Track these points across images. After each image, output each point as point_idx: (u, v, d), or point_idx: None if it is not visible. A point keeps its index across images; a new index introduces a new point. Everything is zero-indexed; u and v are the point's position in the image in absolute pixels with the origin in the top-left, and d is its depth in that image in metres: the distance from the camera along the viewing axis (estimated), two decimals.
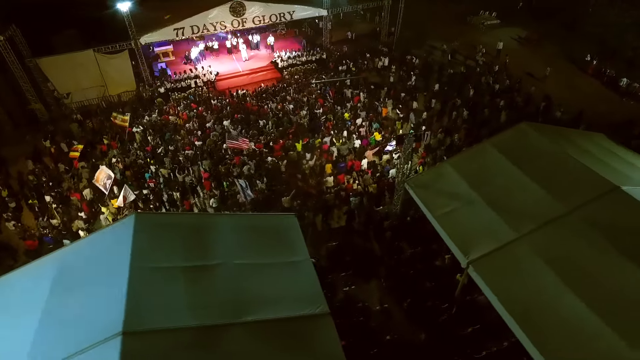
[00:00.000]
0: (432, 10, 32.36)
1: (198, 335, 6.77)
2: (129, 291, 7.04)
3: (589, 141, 11.14)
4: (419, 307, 9.55)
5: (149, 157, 15.29)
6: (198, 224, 9.14)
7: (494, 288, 7.75)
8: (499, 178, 9.79)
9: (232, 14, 19.97)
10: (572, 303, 7.05)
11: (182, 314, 7.01)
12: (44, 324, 7.12)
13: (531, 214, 8.68)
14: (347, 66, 22.17)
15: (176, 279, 7.68)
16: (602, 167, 9.33)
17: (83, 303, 7.17)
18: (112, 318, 6.55)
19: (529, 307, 7.31)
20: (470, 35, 27.94)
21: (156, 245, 8.20)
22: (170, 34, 19.58)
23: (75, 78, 18.63)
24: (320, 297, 8.10)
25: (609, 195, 8.31)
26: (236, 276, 8.15)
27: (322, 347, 7.22)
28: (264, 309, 7.48)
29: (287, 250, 9.12)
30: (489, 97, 18.68)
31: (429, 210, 9.80)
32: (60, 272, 8.04)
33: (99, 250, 8.16)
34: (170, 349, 6.47)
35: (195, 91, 20.75)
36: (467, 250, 8.55)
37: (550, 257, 7.80)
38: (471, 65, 22.66)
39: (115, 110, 16.95)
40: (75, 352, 6.32)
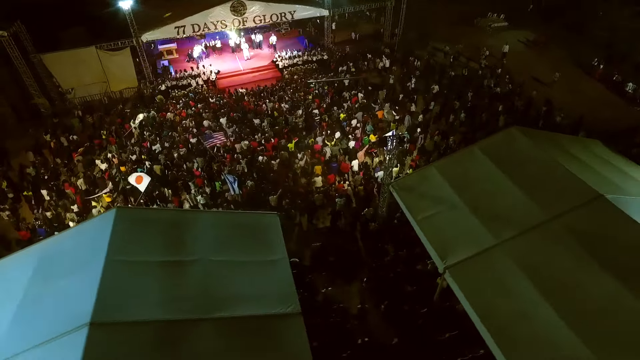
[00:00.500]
0: (438, 12, 32.06)
1: (166, 329, 6.83)
2: (101, 283, 7.16)
3: (582, 148, 10.90)
4: (396, 311, 9.48)
5: (145, 153, 15.52)
6: (178, 220, 9.22)
7: (468, 294, 7.64)
8: (483, 183, 9.64)
9: (232, 13, 20.11)
10: (545, 313, 6.89)
11: (153, 307, 7.09)
12: (20, 311, 7.30)
13: (512, 220, 8.53)
14: (348, 67, 22.13)
15: (150, 273, 7.78)
16: (590, 175, 9.11)
17: (57, 293, 7.32)
18: (82, 309, 6.67)
19: (501, 315, 7.18)
20: (476, 37, 27.60)
21: (134, 240, 8.31)
22: (171, 32, 19.83)
23: (78, 74, 19.01)
24: (293, 297, 8.11)
25: (592, 203, 8.10)
26: (211, 273, 8.21)
27: (289, 346, 7.23)
28: (235, 306, 7.52)
29: (265, 248, 9.15)
30: (489, 100, 18.43)
31: (411, 214, 9.72)
32: (40, 262, 8.23)
33: (78, 243, 8.32)
34: (136, 342, 6.55)
35: (195, 89, 20.97)
36: (445, 255, 8.45)
37: (528, 265, 7.65)
38: (474, 67, 22.39)
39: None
40: (43, 342, 6.47)
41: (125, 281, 7.44)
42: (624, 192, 8.78)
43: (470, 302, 7.50)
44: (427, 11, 31.07)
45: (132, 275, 7.60)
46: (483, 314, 7.23)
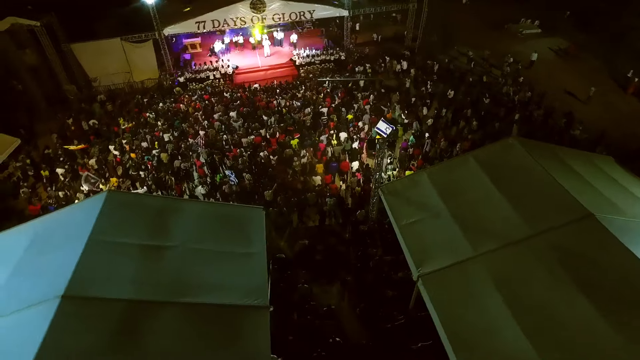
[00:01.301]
0: (469, 16, 31.27)
1: (133, 308, 7.11)
2: (80, 260, 7.57)
3: (587, 163, 10.31)
4: (372, 314, 9.39)
5: (155, 141, 16.17)
6: (165, 207, 9.54)
7: (436, 304, 7.45)
8: (472, 192, 9.34)
9: (252, 10, 20.52)
10: (511, 331, 6.61)
11: (125, 287, 7.41)
12: (6, 280, 7.86)
13: (494, 233, 8.22)
14: (364, 68, 21.99)
15: (128, 255, 8.12)
16: (586, 192, 8.62)
17: (41, 266, 7.80)
18: (58, 282, 7.09)
19: (465, 329, 6.96)
20: (505, 43, 26.65)
21: (119, 222, 8.71)
22: (192, 26, 20.51)
23: (104, 63, 20.09)
24: (263, 290, 8.22)
25: (580, 222, 7.65)
26: (187, 259, 8.46)
27: (250, 337, 7.32)
28: (203, 293, 7.72)
29: (245, 241, 9.30)
30: (506, 109, 17.75)
31: (395, 219, 9.57)
32: (35, 236, 8.79)
33: (69, 221, 8.81)
34: (103, 317, 6.86)
35: (212, 83, 21.57)
36: (420, 263, 8.27)
37: (502, 280, 7.35)
38: (496, 74, 21.64)
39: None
40: (17, 309, 6.95)
41: (103, 260, 7.82)
42: (622, 213, 8.24)
43: (437, 312, 7.32)
44: (456, 15, 30.36)
45: (110, 254, 7.97)
46: (447, 326, 7.03)
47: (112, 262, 7.88)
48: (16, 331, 6.57)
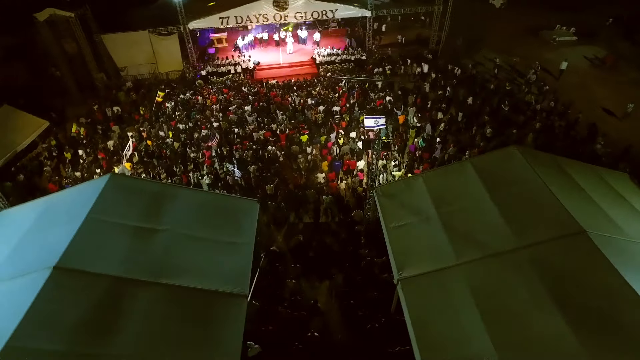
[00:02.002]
0: (502, 21, 30.19)
1: (118, 284, 7.52)
2: (76, 236, 8.09)
3: (594, 178, 9.78)
4: (354, 314, 9.40)
5: (171, 131, 16.85)
6: (163, 193, 9.97)
7: (411, 309, 7.39)
8: (464, 200, 9.13)
9: (275, 8, 20.86)
10: (481, 343, 6.44)
11: (113, 264, 7.84)
12: (13, 250, 8.54)
13: (480, 243, 8.01)
14: (384, 69, 21.82)
15: (121, 235, 8.58)
16: (584, 208, 8.21)
17: (41, 239, 8.40)
18: (53, 254, 7.63)
19: (436, 336, 6.86)
20: (536, 50, 25.53)
21: (117, 203, 9.21)
22: (215, 21, 21.13)
23: (132, 54, 21.12)
24: (244, 280, 8.45)
25: (570, 238, 7.32)
26: (174, 243, 8.82)
27: (224, 323, 7.54)
28: (185, 277, 8.03)
29: (234, 231, 9.56)
30: (526, 117, 17.10)
31: (384, 221, 9.52)
32: (43, 211, 9.48)
33: (73, 199, 9.40)
34: (88, 290, 7.31)
35: (233, 77, 22.13)
36: (402, 267, 8.21)
37: (480, 291, 7.16)
38: (521, 82, 20.84)
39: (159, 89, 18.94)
40: (15, 276, 7.54)
41: (97, 237, 8.32)
42: (620, 232, 7.79)
43: (410, 316, 7.27)
44: (488, 20, 29.39)
45: (104, 233, 8.46)
46: (418, 330, 6.96)
47: (105, 240, 8.36)
48: (9, 296, 7.13)
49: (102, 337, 6.73)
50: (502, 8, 33.72)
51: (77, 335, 6.66)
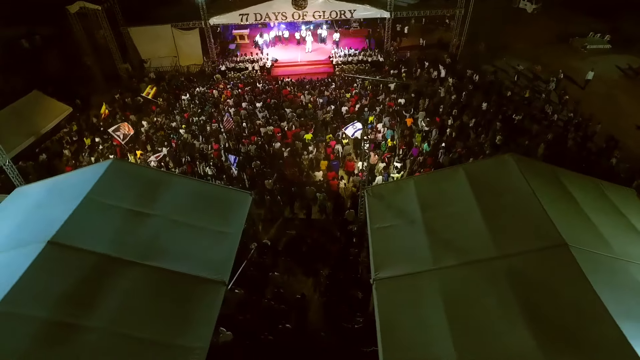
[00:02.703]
0: (533, 27, 29.17)
1: (105, 262, 8.00)
2: (73, 214, 8.66)
3: (592, 192, 9.39)
4: (335, 311, 9.50)
5: (183, 123, 17.49)
6: (160, 180, 10.43)
7: (381, 310, 7.44)
8: (451, 205, 9.01)
9: (293, 6, 21.14)
10: (444, 347, 6.41)
11: (103, 243, 8.33)
12: (18, 223, 9.22)
13: (460, 250, 7.91)
14: (399, 71, 21.65)
15: (115, 216, 9.09)
16: (572, 221, 7.94)
17: (43, 215, 9.02)
18: (50, 230, 8.20)
19: (401, 338, 6.88)
20: (564, 58, 24.51)
21: (115, 187, 9.73)
22: (235, 18, 21.67)
23: (155, 47, 22.03)
24: (226, 268, 8.74)
25: (550, 250, 7.12)
26: (165, 228, 9.23)
27: (200, 307, 7.85)
28: (169, 260, 8.41)
29: (224, 221, 9.88)
30: (539, 127, 16.53)
31: (370, 221, 9.56)
32: (48, 190, 10.16)
33: (75, 180, 10.00)
34: (77, 264, 7.82)
35: (250, 73, 22.62)
36: (380, 268, 8.25)
37: (451, 297, 7.10)
38: (541, 90, 20.11)
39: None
40: (15, 247, 8.16)
41: (92, 217, 8.85)
42: (607, 249, 7.46)
43: (379, 317, 7.32)
44: (518, 25, 28.48)
45: (99, 213, 8.99)
46: (385, 333, 7.00)
47: (99, 219, 8.87)
48: (5, 265, 7.72)
49: (83, 309, 7.18)
50: (534, 13, 32.60)
51: (60, 306, 7.14)
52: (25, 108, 16.41)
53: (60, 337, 6.76)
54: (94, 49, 21.21)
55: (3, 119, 15.64)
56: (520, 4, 32.34)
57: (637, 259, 7.30)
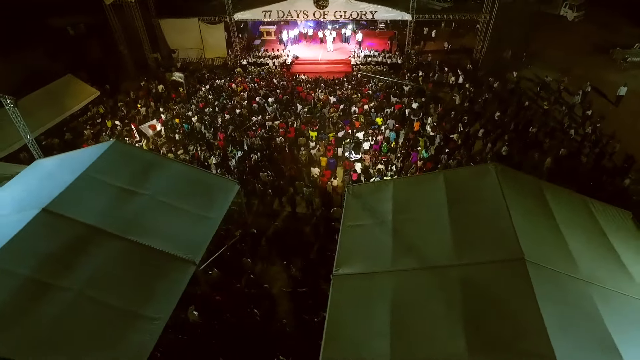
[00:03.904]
0: (571, 35, 27.68)
1: (89, 231, 8.80)
2: (69, 187, 9.53)
3: (577, 210, 8.98)
4: (302, 304, 9.77)
5: (198, 112, 18.38)
6: (154, 162, 11.16)
7: (332, 305, 7.64)
8: (423, 210, 8.99)
9: (315, 5, 21.43)
10: (380, 349, 6.52)
11: (92, 215, 9.13)
12: (24, 191, 10.25)
13: (420, 255, 7.93)
14: (417, 75, 21.37)
15: (106, 192, 9.89)
16: (540, 237, 7.71)
17: (45, 185, 9.97)
18: (46, 198, 9.10)
19: (344, 334, 7.06)
20: (599, 70, 23.09)
21: (112, 165, 10.55)
22: (259, 14, 22.30)
23: (182, 39, 23.18)
24: (199, 250, 9.26)
25: (507, 263, 6.97)
26: (150, 208, 9.93)
27: (167, 282, 8.42)
28: (148, 237, 9.06)
29: (207, 206, 10.43)
30: (552, 140, 15.80)
31: (344, 219, 9.71)
32: (56, 164, 11.17)
33: (77, 158, 10.93)
34: (64, 232, 8.66)
35: (269, 69, 23.22)
36: (341, 264, 8.42)
37: (399, 300, 7.18)
38: (564, 102, 19.13)
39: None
40: (16, 211, 9.10)
41: (86, 190, 9.69)
42: (569, 266, 7.17)
43: (328, 314, 7.52)
44: (555, 33, 27.10)
45: (93, 188, 9.83)
46: (330, 328, 7.19)
47: (91, 194, 9.69)
48: (3, 225, 8.66)
49: (61, 272, 7.95)
50: (575, 21, 30.84)
51: (43, 266, 7.96)
52: (58, 90, 17.93)
53: (38, 294, 7.55)
54: (126, 39, 22.65)
55: (38, 98, 17.20)
56: (561, 11, 30.72)
57: (599, 280, 6.97)
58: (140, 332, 7.42)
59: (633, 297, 6.94)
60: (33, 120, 16.28)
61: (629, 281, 7.34)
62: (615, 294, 6.91)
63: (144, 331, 7.45)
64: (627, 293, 6.99)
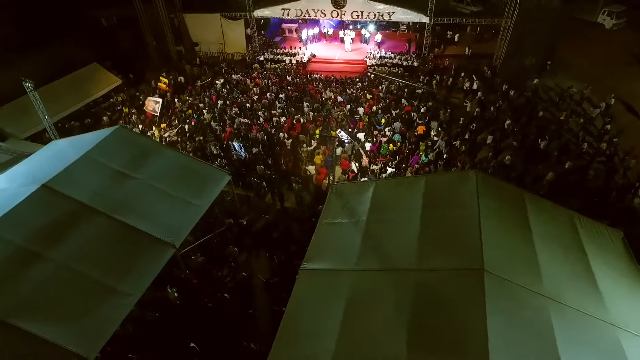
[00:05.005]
0: (607, 44, 26.20)
1: (80, 208, 9.47)
2: (69, 166, 10.27)
3: (563, 225, 8.62)
4: (271, 295, 10.05)
5: (209, 104, 19.04)
6: (152, 149, 11.78)
7: (293, 300, 7.86)
8: (398, 212, 8.97)
9: (332, 5, 21.58)
10: (327, 345, 6.65)
11: (85, 193, 9.81)
12: (36, 166, 11.09)
13: (385, 256, 7.96)
14: (430, 79, 21.04)
15: (103, 174, 10.58)
16: (506, 249, 7.53)
17: (50, 164, 10.78)
18: (48, 175, 9.87)
19: (296, 331, 7.26)
20: (634, 83, 21.73)
21: (112, 149, 11.25)
22: (278, 12, 22.73)
23: (205, 33, 24.05)
24: (180, 234, 9.75)
25: (465, 272, 6.88)
26: (141, 191, 10.53)
27: (145, 262, 8.95)
28: (134, 218, 9.65)
29: (196, 193, 10.92)
30: (560, 153, 15.17)
31: (322, 216, 9.88)
32: (65, 145, 12.02)
33: (84, 140, 11.72)
34: (58, 207, 9.37)
35: (285, 66, 23.62)
36: (309, 259, 8.61)
37: (355, 299, 7.28)
38: (585, 114, 18.24)
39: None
40: (22, 185, 9.91)
41: (84, 171, 10.40)
42: (532, 280, 6.96)
43: (289, 306, 7.76)
44: (590, 41, 25.76)
45: (90, 168, 10.52)
46: (286, 322, 7.42)
47: (88, 174, 10.39)
48: (7, 197, 9.48)
49: (50, 244, 8.63)
50: (613, 29, 29.16)
51: (34, 237, 8.67)
52: (83, 77, 19.18)
53: (26, 262, 8.25)
54: (153, 32, 23.76)
55: (65, 84, 18.51)
56: (599, 18, 29.10)
57: (562, 297, 6.75)
58: (112, 306, 7.96)
59: (594, 317, 6.68)
60: (58, 104, 17.60)
61: (596, 301, 7.06)
62: (576, 312, 6.68)
63: (116, 305, 7.99)
64: (589, 312, 6.73)
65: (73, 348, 7.09)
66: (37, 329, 7.09)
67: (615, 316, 6.94)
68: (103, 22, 26.73)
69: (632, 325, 6.87)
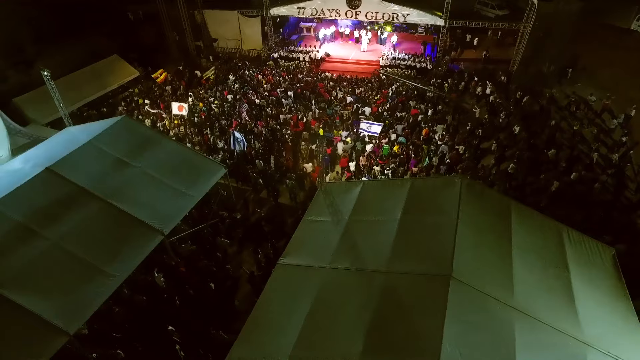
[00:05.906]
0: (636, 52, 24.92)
1: (78, 192, 10.01)
2: (73, 152, 10.85)
3: (548, 238, 8.37)
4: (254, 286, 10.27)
5: (220, 99, 19.52)
6: (152, 140, 12.24)
7: (265, 293, 8.05)
8: (379, 214, 8.96)
9: (347, 5, 21.58)
10: (288, 340, 6.79)
11: (85, 178, 10.36)
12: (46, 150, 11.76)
13: (358, 256, 8.01)
14: (442, 82, 20.69)
15: (104, 160, 11.13)
16: (484, 257, 7.43)
17: (60, 148, 11.40)
18: (53, 159, 10.48)
19: (261, 324, 7.45)
20: None
21: (114, 138, 11.79)
22: (293, 11, 22.94)
23: (223, 29, 24.62)
24: (171, 222, 10.15)
25: (433, 277, 6.83)
26: (138, 178, 11.00)
27: (133, 246, 9.38)
28: (128, 203, 10.12)
29: (191, 184, 11.30)
30: (569, 163, 14.61)
31: (307, 213, 10.02)
32: (76, 132, 12.66)
33: (92, 128, 12.33)
34: (59, 189, 9.95)
35: (298, 64, 23.83)
36: (287, 255, 8.78)
37: (323, 297, 7.40)
38: (602, 124, 17.47)
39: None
40: (30, 166, 10.54)
41: (85, 157, 10.96)
42: (502, 291, 6.81)
43: (260, 299, 7.96)
44: (621, 49, 24.59)
45: (92, 156, 11.07)
46: (254, 315, 7.63)
47: (89, 160, 10.94)
48: (14, 176, 10.14)
49: (46, 223, 9.18)
50: None
51: (33, 216, 9.25)
52: (103, 68, 20.10)
53: (23, 238, 8.82)
54: (175, 27, 24.56)
55: (85, 75, 19.47)
56: (633, 25, 27.65)
57: (530, 310, 6.58)
58: (97, 285, 8.41)
59: (565, 333, 6.49)
60: (78, 93, 18.52)
61: (569, 319, 6.83)
62: (545, 327, 6.51)
63: (100, 285, 8.43)
64: (559, 328, 6.54)
65: (56, 322, 7.56)
66: (24, 301, 7.60)
67: (589, 335, 6.71)
68: (130, 16, 27.82)
69: (604, 344, 6.63)
